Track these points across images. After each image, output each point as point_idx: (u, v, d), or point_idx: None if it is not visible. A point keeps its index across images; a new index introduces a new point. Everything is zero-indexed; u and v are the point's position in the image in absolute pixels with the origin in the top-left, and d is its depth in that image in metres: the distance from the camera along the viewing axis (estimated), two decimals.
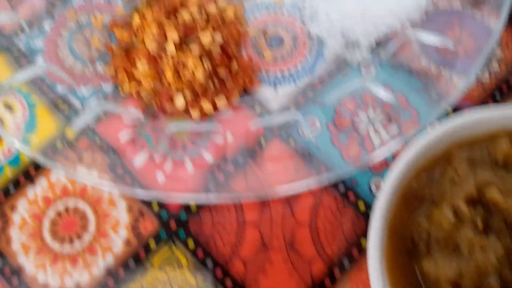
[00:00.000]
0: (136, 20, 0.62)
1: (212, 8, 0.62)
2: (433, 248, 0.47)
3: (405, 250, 0.48)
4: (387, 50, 0.60)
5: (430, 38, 0.59)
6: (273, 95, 0.60)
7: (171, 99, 0.58)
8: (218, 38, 0.59)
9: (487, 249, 0.45)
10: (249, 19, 0.67)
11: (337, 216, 0.57)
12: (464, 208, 0.46)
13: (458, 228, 0.46)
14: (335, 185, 0.59)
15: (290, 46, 0.64)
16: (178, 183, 0.56)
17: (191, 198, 0.56)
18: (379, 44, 0.63)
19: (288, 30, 0.66)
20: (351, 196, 0.59)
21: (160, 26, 0.60)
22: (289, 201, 0.58)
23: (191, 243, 0.58)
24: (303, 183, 0.54)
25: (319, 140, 0.58)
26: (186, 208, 0.59)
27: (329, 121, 0.58)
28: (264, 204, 0.58)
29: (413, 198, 0.50)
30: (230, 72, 0.60)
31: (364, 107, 0.59)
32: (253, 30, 0.65)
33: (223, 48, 0.60)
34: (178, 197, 0.55)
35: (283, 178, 0.55)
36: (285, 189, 0.54)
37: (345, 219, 0.57)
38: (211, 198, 0.55)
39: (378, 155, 0.55)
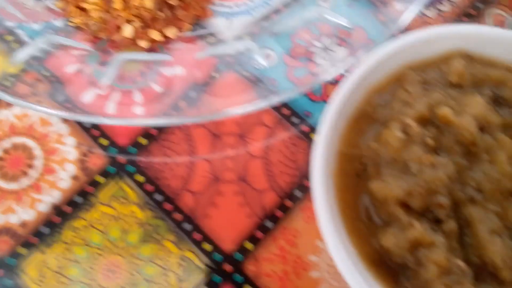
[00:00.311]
0: None
1: None
2: (382, 169, 0.45)
3: (355, 174, 0.47)
4: None
5: None
6: (227, 26, 0.58)
7: (119, 29, 0.56)
8: None
9: (437, 166, 0.44)
10: None
11: (290, 148, 0.56)
12: (414, 125, 0.45)
13: (407, 147, 0.45)
14: (288, 117, 0.58)
15: None
16: (127, 114, 0.53)
17: (139, 123, 0.54)
18: None
19: None
20: (304, 128, 0.57)
21: None
22: (242, 133, 0.57)
23: (139, 177, 0.56)
24: (253, 105, 0.51)
25: (274, 70, 0.55)
26: (135, 142, 0.57)
27: (285, 51, 0.56)
28: (216, 136, 0.57)
29: (364, 121, 0.49)
30: (181, 1, 0.57)
31: (319, 36, 0.56)
32: None
33: None
34: (127, 121, 0.54)
35: (233, 103, 0.52)
36: (234, 111, 0.52)
37: (299, 151, 0.56)
38: (159, 122, 0.54)
39: (329, 76, 0.52)
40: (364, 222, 0.46)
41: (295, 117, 0.57)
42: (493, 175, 0.44)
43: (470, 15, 0.64)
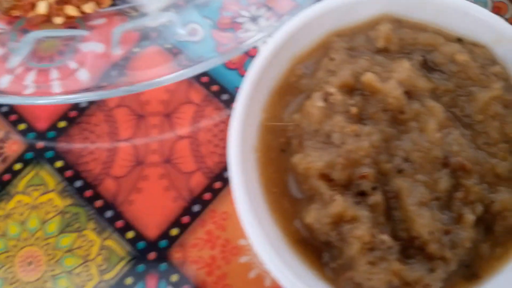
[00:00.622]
0: None
1: None
2: (305, 142, 0.43)
3: (280, 148, 0.44)
4: None
5: None
6: None
7: (33, 7, 0.52)
8: None
9: (361, 136, 0.41)
10: None
11: (220, 126, 0.54)
12: (336, 94, 0.42)
13: (330, 117, 0.42)
14: (218, 94, 0.55)
15: None
16: (45, 93, 0.51)
17: (58, 101, 0.51)
18: None
19: None
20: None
21: None
22: (168, 113, 0.55)
23: (59, 163, 0.53)
24: (176, 76, 0.50)
25: (200, 45, 0.52)
26: (54, 126, 0.54)
27: (212, 24, 0.54)
28: (140, 117, 0.54)
29: (289, 92, 0.47)
30: None
31: (246, 6, 0.54)
32: None
33: None
34: (45, 100, 0.51)
35: (155, 76, 0.50)
36: (155, 82, 0.50)
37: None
38: (79, 97, 0.51)
39: (255, 44, 0.51)
40: (290, 199, 0.43)
41: (225, 94, 0.55)
42: (422, 144, 0.42)
43: None
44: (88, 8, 0.54)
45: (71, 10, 0.53)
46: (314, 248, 0.41)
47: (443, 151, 0.41)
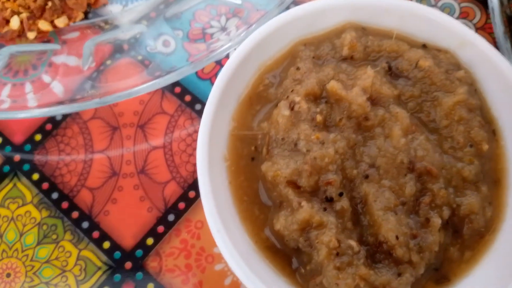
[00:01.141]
0: None
1: None
2: (272, 150, 0.44)
3: (251, 157, 0.45)
4: None
5: None
6: (122, 12, 0.56)
7: (6, 22, 0.53)
8: None
9: (326, 143, 0.42)
10: None
11: (193, 136, 0.54)
12: (302, 103, 0.43)
13: (296, 125, 0.43)
14: (191, 104, 0.56)
15: None
16: (20, 105, 0.52)
17: (33, 114, 0.52)
18: None
19: None
20: None
21: None
22: (142, 124, 0.55)
23: (35, 176, 0.54)
24: (148, 86, 0.51)
25: (172, 57, 0.53)
26: (31, 139, 0.55)
27: (183, 35, 0.55)
28: (114, 129, 0.55)
29: (258, 101, 0.48)
30: None
31: (217, 17, 0.56)
32: None
33: None
34: (21, 114, 0.52)
35: (127, 87, 0.51)
36: (127, 93, 0.51)
37: None
38: (53, 111, 0.51)
39: (225, 53, 0.52)
40: (260, 206, 0.44)
41: (198, 104, 0.56)
42: (387, 150, 0.43)
43: None
44: (61, 22, 0.55)
45: (43, 25, 0.54)
46: (284, 255, 0.42)
47: (409, 156, 0.42)
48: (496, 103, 0.46)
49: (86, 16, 0.58)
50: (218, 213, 0.41)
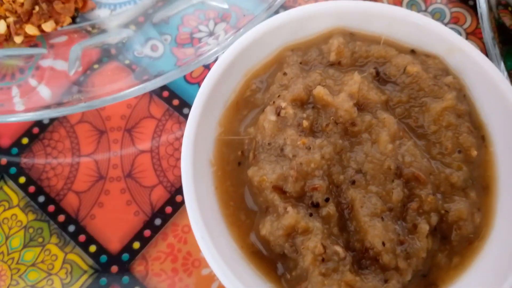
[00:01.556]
0: None
1: None
2: (259, 155, 0.44)
3: (237, 162, 0.45)
4: None
5: None
6: (110, 16, 0.56)
7: None
8: None
9: (312, 148, 0.42)
10: None
11: (181, 140, 0.54)
12: (288, 108, 0.43)
13: (282, 130, 0.43)
14: (179, 108, 0.56)
15: None
16: (7, 109, 0.53)
17: (20, 118, 0.52)
18: None
19: None
20: None
21: None
22: (129, 127, 0.55)
23: (22, 179, 0.54)
24: (134, 90, 0.51)
25: (160, 61, 0.54)
26: (17, 142, 0.55)
27: (171, 40, 0.55)
28: (101, 133, 0.55)
29: (245, 106, 0.48)
30: None
31: (205, 21, 0.56)
32: None
33: None
34: (8, 118, 0.52)
35: (114, 91, 0.51)
36: (113, 97, 0.51)
37: None
38: (40, 115, 0.52)
39: (213, 57, 0.53)
40: (246, 211, 0.44)
41: (186, 108, 0.56)
42: (374, 155, 0.43)
43: None
44: (48, 27, 0.55)
45: (30, 29, 0.55)
46: (270, 260, 0.42)
47: (396, 162, 0.42)
48: (485, 109, 0.47)
49: (73, 21, 0.58)
50: (202, 219, 0.41)
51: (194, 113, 0.43)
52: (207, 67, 0.56)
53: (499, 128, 0.46)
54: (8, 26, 0.56)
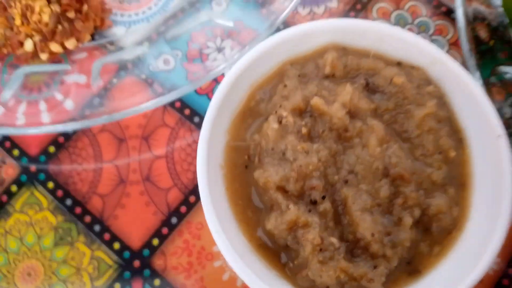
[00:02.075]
0: None
1: None
2: (264, 159, 0.49)
3: (244, 165, 0.50)
4: None
5: None
6: (126, 33, 0.62)
7: (21, 45, 0.58)
8: None
9: (310, 152, 0.47)
10: None
11: (192, 146, 0.59)
12: (289, 117, 0.48)
13: (284, 137, 0.48)
14: (190, 117, 0.61)
15: None
16: (35, 123, 0.57)
17: (47, 130, 0.57)
18: None
19: None
20: None
21: None
22: (146, 135, 0.60)
23: (50, 184, 0.59)
24: (151, 103, 0.56)
25: (172, 74, 0.59)
26: (45, 151, 0.60)
27: (182, 55, 0.60)
28: (121, 141, 0.60)
29: (250, 116, 0.52)
30: (80, 14, 0.60)
31: (213, 38, 0.61)
32: None
33: None
34: (36, 130, 0.57)
35: (132, 104, 0.56)
36: (132, 110, 0.56)
37: None
38: (65, 127, 0.56)
39: (221, 72, 0.57)
40: (253, 209, 0.49)
41: (196, 116, 0.61)
42: (364, 158, 0.48)
43: (356, 9, 0.67)
44: (70, 44, 0.60)
45: (54, 47, 0.59)
46: (275, 251, 0.47)
47: (384, 163, 0.47)
48: (463, 115, 0.51)
49: (93, 38, 0.63)
50: (216, 216, 0.45)
51: (206, 124, 0.48)
52: (215, 80, 0.61)
53: (475, 131, 0.49)
54: (34, 45, 0.60)
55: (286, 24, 0.64)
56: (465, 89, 0.50)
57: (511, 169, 0.46)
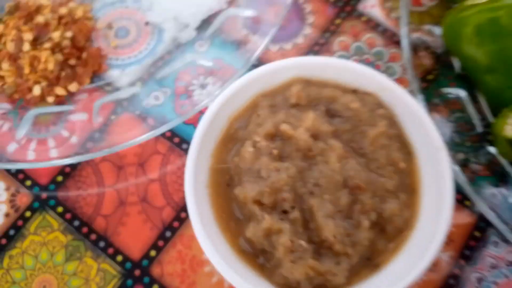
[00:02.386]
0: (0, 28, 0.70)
1: (63, 10, 0.72)
2: (242, 178, 0.55)
3: (226, 184, 0.56)
4: (211, 27, 0.71)
5: (243, 12, 0.70)
6: (121, 75, 0.70)
7: (30, 90, 0.68)
8: (68, 34, 0.69)
9: (280, 170, 0.53)
10: (99, 15, 0.76)
11: (182, 169, 0.66)
12: (262, 141, 0.54)
13: (258, 158, 0.54)
14: (179, 144, 0.68)
15: (134, 35, 0.74)
16: (45, 157, 0.65)
17: (56, 163, 0.64)
18: (205, 22, 0.74)
19: (132, 21, 0.75)
20: None
21: (18, 30, 0.69)
22: (141, 162, 0.67)
23: (60, 209, 0.66)
24: (148, 134, 0.63)
25: (163, 108, 0.67)
26: (54, 180, 0.67)
27: (170, 92, 0.68)
28: (120, 168, 0.67)
29: (230, 142, 0.58)
30: (80, 61, 0.69)
31: (196, 76, 0.69)
32: (101, 24, 0.75)
33: (73, 42, 0.70)
34: (47, 164, 0.64)
35: (129, 138, 0.63)
36: (129, 143, 0.63)
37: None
38: (72, 160, 0.63)
39: (205, 106, 0.63)
40: (235, 221, 0.55)
41: (184, 144, 0.68)
42: (327, 172, 0.53)
43: (320, 44, 0.74)
44: (73, 87, 0.68)
45: (59, 91, 0.67)
46: (254, 255, 0.52)
47: (343, 176, 0.52)
48: (411, 132, 0.56)
49: (92, 81, 0.70)
50: (203, 229, 0.51)
51: (192, 150, 0.54)
52: (200, 111, 0.66)
53: (421, 145, 0.55)
54: (42, 90, 0.67)
55: (260, 60, 0.70)
56: (410, 111, 0.55)
57: (450, 175, 0.52)
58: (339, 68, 0.59)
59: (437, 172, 0.53)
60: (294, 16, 0.75)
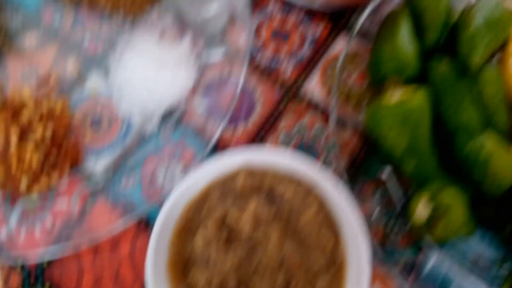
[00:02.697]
0: None
1: (44, 108, 0.83)
2: (196, 263, 0.65)
3: (183, 266, 0.67)
4: (173, 116, 0.81)
5: (201, 101, 0.81)
6: (95, 164, 0.80)
7: (18, 183, 0.79)
8: (48, 131, 0.80)
9: (225, 260, 0.63)
10: (76, 107, 0.85)
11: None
12: (211, 231, 0.65)
13: (208, 246, 0.65)
14: (146, 229, 0.78)
15: (106, 125, 0.84)
16: (32, 242, 0.75)
17: (40, 253, 0.74)
18: (168, 112, 0.81)
19: (105, 112, 0.84)
20: None
21: (6, 129, 0.80)
22: (114, 247, 0.77)
23: (46, 285, 0.76)
24: (120, 223, 0.72)
25: (131, 192, 0.77)
26: (40, 264, 0.77)
27: (138, 178, 0.78)
28: (96, 250, 0.77)
29: (187, 229, 0.68)
30: (59, 156, 0.81)
31: (162, 162, 0.77)
32: (78, 118, 0.86)
33: (53, 137, 0.81)
34: (31, 255, 0.73)
35: (104, 224, 0.74)
36: (107, 231, 0.71)
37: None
38: (56, 248, 0.73)
39: (170, 189, 0.70)
40: None
41: (151, 228, 0.77)
42: (267, 254, 0.63)
43: (265, 129, 0.82)
44: (54, 179, 0.80)
45: (43, 181, 0.79)
46: None
47: (280, 257, 0.62)
48: (340, 216, 0.64)
49: (70, 171, 0.81)
50: None
51: (153, 236, 0.64)
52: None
53: (347, 227, 0.63)
54: (27, 183, 0.79)
55: (217, 142, 0.79)
56: (338, 200, 0.64)
57: (367, 251, 0.61)
58: (276, 159, 0.68)
59: (358, 249, 0.61)
60: (245, 103, 0.84)
